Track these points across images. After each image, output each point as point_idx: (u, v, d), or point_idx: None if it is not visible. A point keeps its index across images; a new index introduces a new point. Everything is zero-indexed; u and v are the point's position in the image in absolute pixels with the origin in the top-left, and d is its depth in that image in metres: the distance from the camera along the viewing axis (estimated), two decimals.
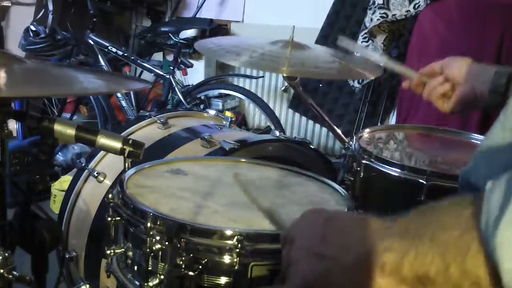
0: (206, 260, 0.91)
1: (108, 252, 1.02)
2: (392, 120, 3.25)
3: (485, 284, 0.49)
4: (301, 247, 0.63)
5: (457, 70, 1.20)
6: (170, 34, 3.54)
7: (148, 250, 0.92)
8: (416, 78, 1.31)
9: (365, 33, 2.86)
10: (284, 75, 1.55)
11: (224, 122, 1.80)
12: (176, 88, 3.27)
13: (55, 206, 2.65)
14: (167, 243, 0.91)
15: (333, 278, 0.59)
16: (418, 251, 0.53)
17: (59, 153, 3.15)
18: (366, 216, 0.63)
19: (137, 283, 1.00)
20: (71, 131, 1.05)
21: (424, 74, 1.32)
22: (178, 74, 3.48)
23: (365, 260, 0.57)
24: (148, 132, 1.69)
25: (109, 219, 1.04)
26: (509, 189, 0.46)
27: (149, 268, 0.96)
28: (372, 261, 0.56)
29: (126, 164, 1.10)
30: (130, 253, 1.01)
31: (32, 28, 3.59)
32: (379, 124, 3.17)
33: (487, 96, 1.13)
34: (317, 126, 3.70)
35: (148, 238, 0.92)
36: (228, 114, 1.92)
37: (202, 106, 3.33)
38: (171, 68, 3.36)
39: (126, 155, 1.06)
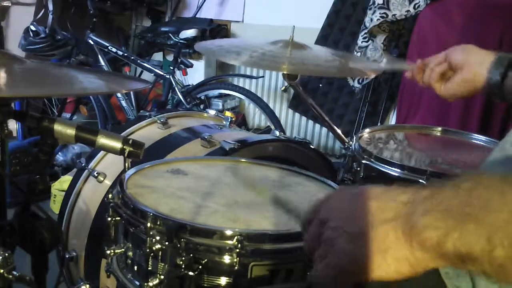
0: (206, 260, 0.91)
1: (108, 252, 1.02)
2: (392, 120, 3.25)
3: None
4: (336, 227, 0.63)
5: (459, 56, 1.19)
6: (170, 34, 3.54)
7: (148, 250, 0.92)
8: (418, 64, 1.31)
9: (365, 33, 2.86)
10: (285, 72, 1.55)
11: (224, 122, 1.80)
12: (176, 88, 3.27)
13: (55, 206, 2.65)
14: (167, 243, 0.91)
15: (371, 254, 0.59)
16: (463, 231, 0.52)
17: (59, 153, 3.15)
18: (392, 188, 0.62)
19: (137, 283, 1.00)
20: (71, 131, 1.05)
21: (427, 62, 1.31)
22: (178, 74, 3.48)
23: (404, 235, 0.57)
24: (148, 132, 1.69)
25: (109, 219, 1.04)
26: None
27: (149, 268, 0.96)
28: (411, 236, 0.56)
29: (126, 164, 1.10)
30: (130, 253, 1.01)
31: (32, 28, 3.59)
32: (379, 124, 3.17)
33: (486, 81, 1.13)
34: (317, 126, 3.70)
35: (148, 238, 0.92)
36: (228, 114, 1.92)
37: (202, 106, 3.33)
38: (171, 68, 3.36)
39: (126, 155, 1.06)
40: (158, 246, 0.91)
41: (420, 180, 1.27)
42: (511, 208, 0.50)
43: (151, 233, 0.92)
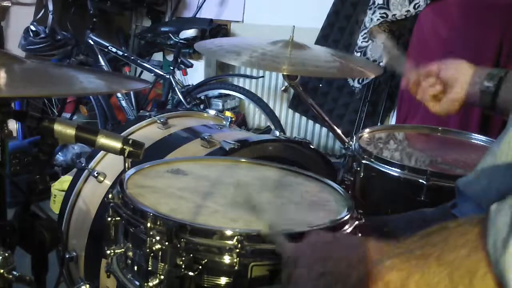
0: (206, 260, 0.91)
1: (108, 252, 1.02)
2: (392, 120, 3.25)
3: None
4: (305, 265, 0.64)
5: (451, 73, 1.20)
6: (170, 34, 3.54)
7: (148, 250, 0.92)
8: (413, 77, 1.31)
9: (365, 33, 2.86)
10: (285, 73, 1.55)
11: (224, 122, 1.80)
12: (176, 88, 3.27)
13: (55, 206, 2.65)
14: (167, 243, 0.91)
15: None
16: (425, 271, 0.52)
17: (59, 153, 3.15)
18: (367, 238, 0.64)
19: (137, 283, 1.00)
20: (71, 131, 1.05)
21: (422, 74, 1.32)
22: (178, 74, 3.48)
23: (370, 277, 0.57)
24: (148, 132, 1.69)
25: (109, 219, 1.04)
26: None
27: (149, 268, 0.96)
28: (376, 279, 0.56)
29: (126, 164, 1.10)
30: (130, 253, 1.01)
31: (32, 28, 3.59)
32: (379, 124, 3.17)
33: (478, 97, 1.14)
34: (317, 126, 3.70)
35: (148, 238, 0.92)
36: (228, 114, 1.92)
37: (202, 106, 3.33)
38: (171, 68, 3.36)
39: (126, 155, 1.06)
40: (158, 246, 0.91)
41: (420, 180, 1.27)
42: (470, 246, 0.51)
43: (151, 233, 0.92)
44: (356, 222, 1.02)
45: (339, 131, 1.68)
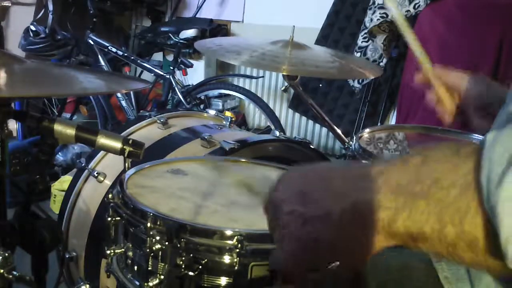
0: (206, 260, 0.91)
1: (108, 252, 1.02)
2: (392, 120, 3.25)
3: (481, 244, 0.47)
4: (289, 210, 0.59)
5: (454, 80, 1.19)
6: (170, 34, 3.54)
7: (148, 250, 0.92)
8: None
9: (365, 33, 2.86)
10: (284, 73, 1.55)
11: (224, 122, 1.80)
12: (176, 88, 3.27)
13: (55, 206, 2.65)
14: (167, 243, 0.91)
15: (325, 238, 0.56)
16: (413, 210, 0.50)
17: (59, 153, 3.15)
18: (345, 164, 0.60)
19: (137, 283, 1.00)
20: (71, 131, 1.05)
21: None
22: (178, 74, 3.48)
23: (356, 217, 0.54)
24: (148, 132, 1.69)
25: (109, 219, 1.04)
26: None
27: (149, 268, 0.96)
28: (364, 217, 0.53)
29: (126, 164, 1.10)
30: (130, 253, 1.01)
31: (32, 28, 3.60)
32: (379, 124, 3.17)
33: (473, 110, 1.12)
34: (317, 126, 3.70)
35: (148, 238, 0.92)
36: (228, 114, 1.92)
37: (202, 106, 3.33)
38: (171, 68, 3.37)
39: (126, 155, 1.06)
40: (158, 246, 0.91)
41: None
42: (463, 182, 0.48)
43: (151, 233, 0.92)
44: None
45: (339, 131, 1.68)
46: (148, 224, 0.94)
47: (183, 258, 0.90)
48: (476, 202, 0.46)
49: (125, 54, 3.43)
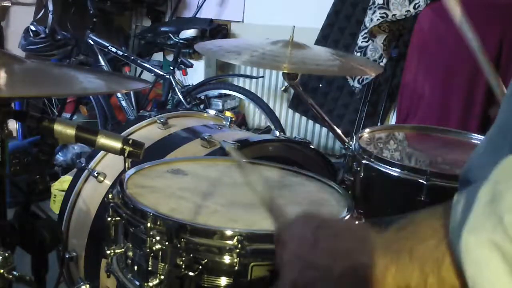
0: (206, 260, 0.91)
1: (108, 252, 1.02)
2: (392, 120, 3.25)
3: None
4: (292, 252, 0.64)
5: None
6: (170, 34, 3.54)
7: (148, 250, 0.92)
8: None
9: (365, 33, 2.86)
10: (285, 71, 1.55)
11: (224, 122, 1.80)
12: (176, 88, 3.27)
13: (55, 206, 2.65)
14: (167, 243, 0.91)
15: (321, 287, 0.61)
16: (399, 265, 0.56)
17: (59, 153, 3.15)
18: (358, 224, 0.65)
19: (137, 283, 1.00)
20: (71, 131, 1.05)
21: None
22: (178, 74, 3.48)
23: (353, 273, 0.59)
24: (148, 132, 1.69)
25: (109, 219, 1.04)
26: (470, 199, 0.48)
27: (149, 268, 0.96)
28: (359, 274, 0.58)
29: (126, 164, 1.10)
30: (130, 253, 1.01)
31: (32, 28, 3.59)
32: (379, 124, 3.17)
33: None
34: (317, 126, 3.70)
35: (148, 238, 0.92)
36: (228, 114, 1.92)
37: (202, 106, 3.33)
38: (171, 68, 3.36)
39: (126, 155, 1.07)
40: (158, 246, 0.91)
41: (420, 180, 1.27)
42: (439, 236, 0.53)
43: (151, 233, 0.92)
44: (356, 222, 1.02)
45: (339, 131, 1.68)
46: (148, 224, 0.94)
47: (183, 258, 0.90)
48: (449, 251, 0.51)
49: (125, 54, 3.42)
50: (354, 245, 0.61)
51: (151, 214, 0.95)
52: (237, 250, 0.88)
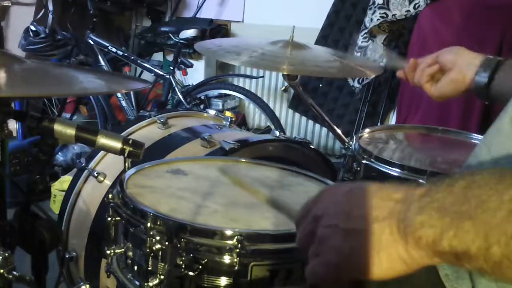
0: (206, 260, 0.91)
1: (108, 252, 1.02)
2: (392, 120, 3.25)
3: None
4: (329, 224, 0.62)
5: (449, 57, 1.21)
6: (170, 34, 3.54)
7: (148, 250, 0.92)
8: (410, 63, 1.32)
9: (365, 33, 2.86)
10: (285, 73, 1.55)
11: (224, 122, 1.80)
12: (176, 88, 3.27)
13: (55, 206, 2.65)
14: (167, 243, 0.91)
15: (365, 252, 0.59)
16: (459, 229, 0.52)
17: (59, 153, 3.15)
18: (386, 186, 0.62)
19: (137, 283, 1.00)
20: (71, 131, 1.05)
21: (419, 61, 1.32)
22: (178, 74, 3.48)
23: (398, 233, 0.57)
24: (148, 132, 1.69)
25: (109, 219, 1.04)
26: None
27: (149, 268, 0.96)
28: (406, 234, 0.56)
29: (126, 164, 1.10)
30: (130, 253, 1.01)
31: (32, 28, 3.59)
32: (379, 124, 3.17)
33: (473, 82, 1.14)
34: (317, 126, 3.70)
35: (148, 238, 0.92)
36: (228, 114, 1.92)
37: (202, 106, 3.33)
38: (171, 68, 3.36)
39: (126, 155, 1.07)
40: (158, 246, 0.91)
41: (420, 180, 1.27)
42: (508, 207, 0.50)
43: (151, 233, 0.92)
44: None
45: (339, 131, 1.68)
46: (148, 224, 0.94)
47: (183, 258, 0.90)
48: None
49: (125, 54, 3.42)
50: (389, 205, 0.59)
51: (151, 214, 0.95)
52: (237, 250, 0.88)
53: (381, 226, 0.58)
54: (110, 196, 1.06)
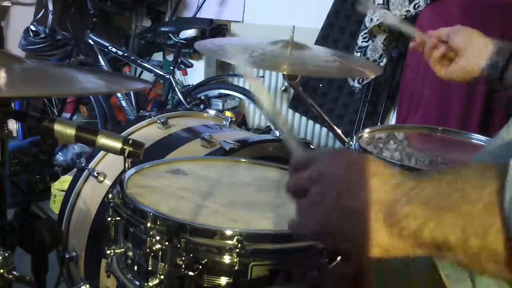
0: (206, 260, 0.91)
1: (108, 252, 1.02)
2: (392, 120, 3.25)
3: (503, 258, 0.51)
4: (323, 192, 0.63)
5: (461, 41, 1.20)
6: (170, 34, 3.54)
7: (148, 250, 0.92)
8: (417, 41, 1.31)
9: (365, 33, 2.86)
10: (285, 73, 1.55)
11: (224, 122, 1.80)
12: (176, 88, 3.27)
13: (55, 206, 2.65)
14: (167, 243, 0.91)
15: (352, 229, 0.60)
16: (440, 221, 0.54)
17: (59, 153, 3.15)
18: (384, 166, 0.63)
19: (137, 283, 1.00)
20: (71, 131, 1.05)
21: (429, 37, 1.30)
22: (178, 74, 3.48)
23: (384, 222, 0.58)
24: (148, 132, 1.69)
25: (109, 219, 1.04)
26: None
27: (149, 268, 0.96)
28: (392, 223, 0.58)
29: (126, 164, 1.10)
30: (130, 253, 1.01)
31: (32, 28, 3.59)
32: (379, 124, 3.17)
33: (486, 70, 1.14)
34: (317, 126, 3.70)
35: (148, 238, 0.92)
36: (228, 114, 1.92)
37: (202, 106, 3.33)
38: (171, 68, 3.36)
39: (126, 155, 1.06)
40: (158, 246, 0.91)
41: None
42: (486, 200, 0.52)
43: (151, 233, 0.92)
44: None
45: (339, 131, 1.68)
46: (148, 224, 0.94)
47: (183, 258, 0.90)
48: (499, 219, 0.50)
49: (125, 54, 3.42)
50: (385, 188, 0.60)
51: (151, 214, 0.95)
52: (237, 250, 0.88)
53: (373, 211, 0.60)
54: (110, 196, 1.06)
